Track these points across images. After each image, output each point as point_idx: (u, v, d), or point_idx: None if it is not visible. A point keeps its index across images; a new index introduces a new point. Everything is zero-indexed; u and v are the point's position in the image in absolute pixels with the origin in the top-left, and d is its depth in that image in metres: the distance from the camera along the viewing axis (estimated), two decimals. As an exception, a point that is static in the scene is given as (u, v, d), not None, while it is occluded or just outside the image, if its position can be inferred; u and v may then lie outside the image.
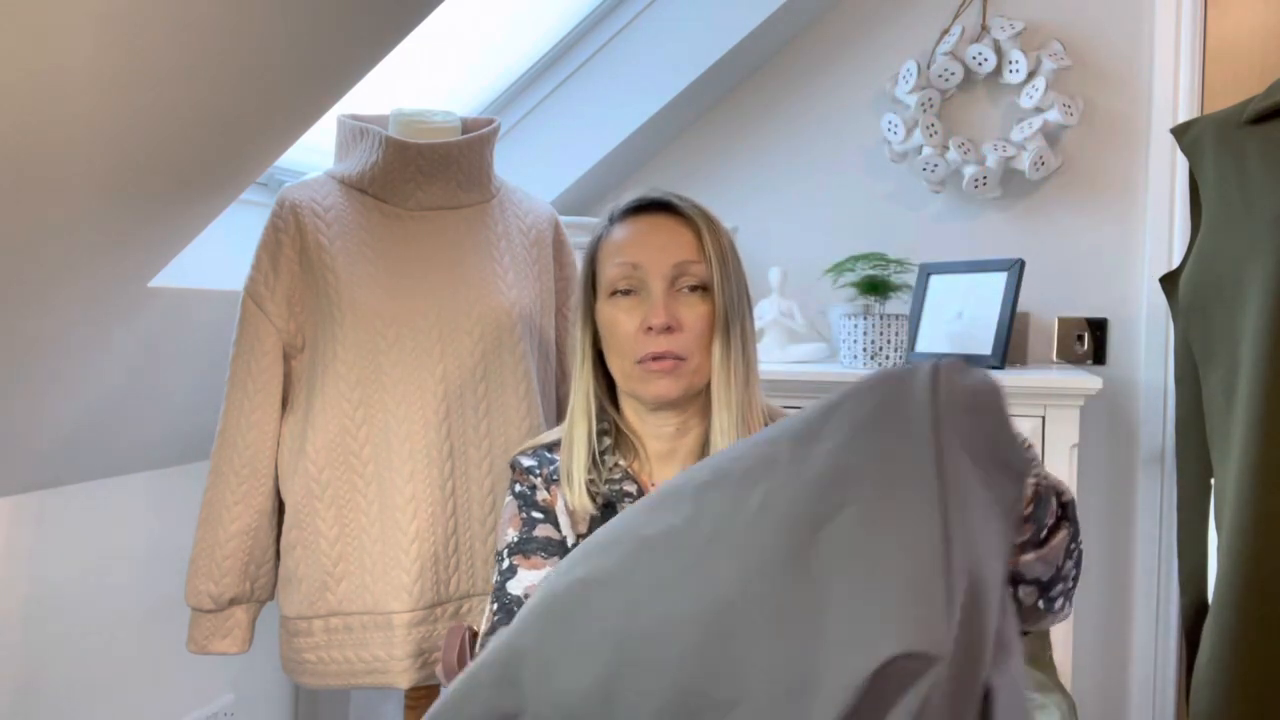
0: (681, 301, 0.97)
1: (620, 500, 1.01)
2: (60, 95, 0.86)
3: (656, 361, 0.95)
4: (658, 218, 1.00)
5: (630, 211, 1.01)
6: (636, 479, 1.02)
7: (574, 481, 1.01)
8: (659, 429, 1.02)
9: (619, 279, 0.98)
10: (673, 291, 0.97)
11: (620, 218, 1.02)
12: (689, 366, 0.97)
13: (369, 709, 2.04)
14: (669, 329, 0.95)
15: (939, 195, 2.07)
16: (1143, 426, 1.94)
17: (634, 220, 1.00)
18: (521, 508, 1.07)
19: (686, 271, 0.97)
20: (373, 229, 1.27)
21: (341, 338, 1.23)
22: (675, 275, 0.96)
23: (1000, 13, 1.99)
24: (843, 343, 1.77)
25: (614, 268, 0.98)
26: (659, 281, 0.96)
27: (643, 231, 0.99)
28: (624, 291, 0.98)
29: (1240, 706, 1.24)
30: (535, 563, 1.06)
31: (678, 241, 0.98)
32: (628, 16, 2.01)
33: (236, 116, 1.05)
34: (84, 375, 1.28)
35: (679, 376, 0.96)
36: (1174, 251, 1.89)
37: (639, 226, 0.99)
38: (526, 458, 1.09)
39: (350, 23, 1.00)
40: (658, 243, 0.97)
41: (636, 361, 0.96)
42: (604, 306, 1.00)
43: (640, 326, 0.96)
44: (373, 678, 1.25)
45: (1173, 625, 1.91)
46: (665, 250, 0.97)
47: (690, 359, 0.96)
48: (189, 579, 1.26)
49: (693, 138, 2.27)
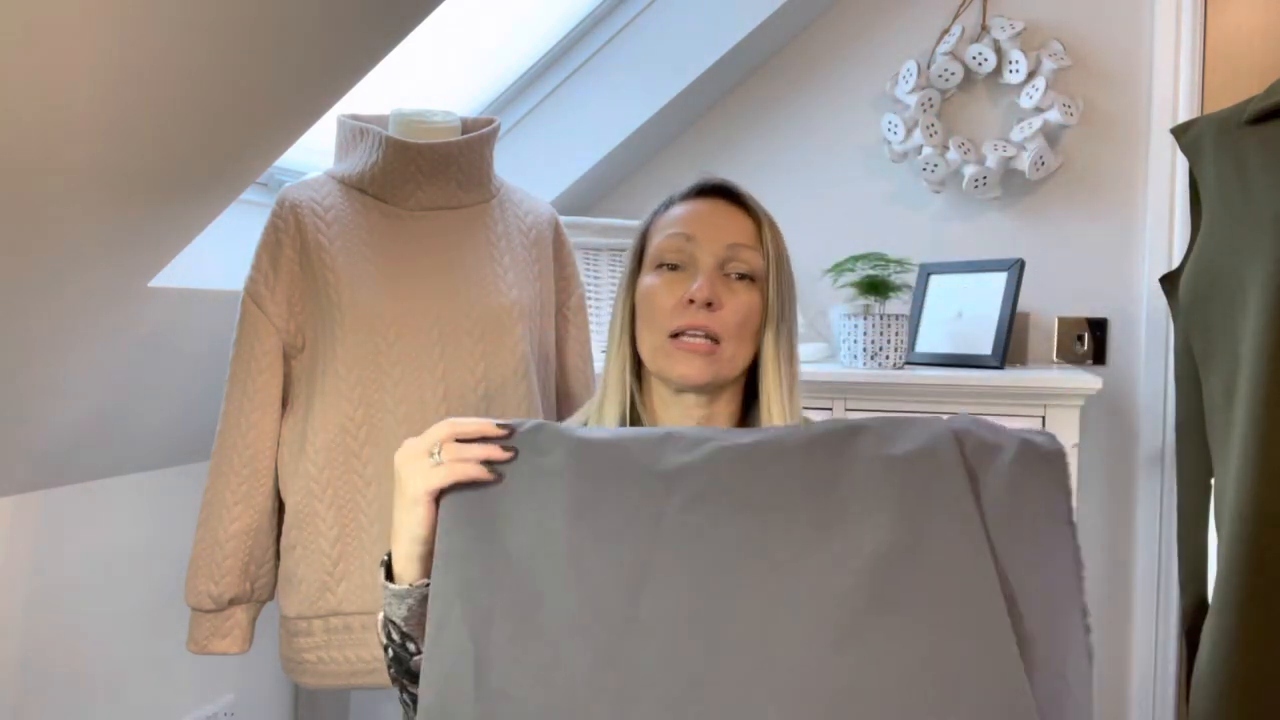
0: (728, 286, 0.93)
1: None
2: (60, 95, 0.86)
3: (690, 339, 0.91)
4: (718, 202, 0.97)
5: (692, 194, 0.99)
6: None
7: None
8: (683, 418, 0.96)
9: (669, 250, 0.94)
10: (721, 274, 0.93)
11: (680, 199, 0.99)
12: (723, 353, 0.92)
13: (369, 709, 2.04)
14: (710, 305, 0.90)
15: (939, 195, 2.07)
16: (1143, 426, 1.94)
17: (694, 201, 0.98)
18: None
19: (739, 256, 0.93)
20: (373, 229, 1.27)
21: (341, 338, 1.23)
22: (727, 257, 0.93)
23: (1000, 13, 1.99)
24: (843, 343, 1.77)
25: (666, 238, 0.95)
26: (709, 258, 0.93)
27: (702, 210, 0.96)
28: (671, 265, 0.94)
29: (1240, 706, 1.24)
30: None
31: (735, 225, 0.95)
32: (628, 16, 2.01)
33: (236, 116, 1.05)
34: (84, 375, 1.28)
35: (711, 360, 0.91)
36: (1174, 251, 1.89)
37: (699, 206, 0.97)
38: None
39: (350, 23, 1.00)
40: (715, 221, 0.95)
41: (670, 335, 0.91)
42: (647, 276, 0.96)
43: (681, 300, 0.91)
44: (373, 678, 1.25)
45: (1173, 625, 1.91)
46: (721, 229, 0.94)
47: (725, 344, 0.91)
48: (189, 579, 1.26)
49: (692, 138, 2.27)
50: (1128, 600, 1.96)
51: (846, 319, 1.76)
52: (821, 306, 2.08)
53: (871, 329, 1.71)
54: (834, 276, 1.80)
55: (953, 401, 1.63)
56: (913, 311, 1.91)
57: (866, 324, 1.72)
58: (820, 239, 2.14)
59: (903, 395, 1.66)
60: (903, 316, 1.74)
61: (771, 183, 2.20)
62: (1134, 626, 1.95)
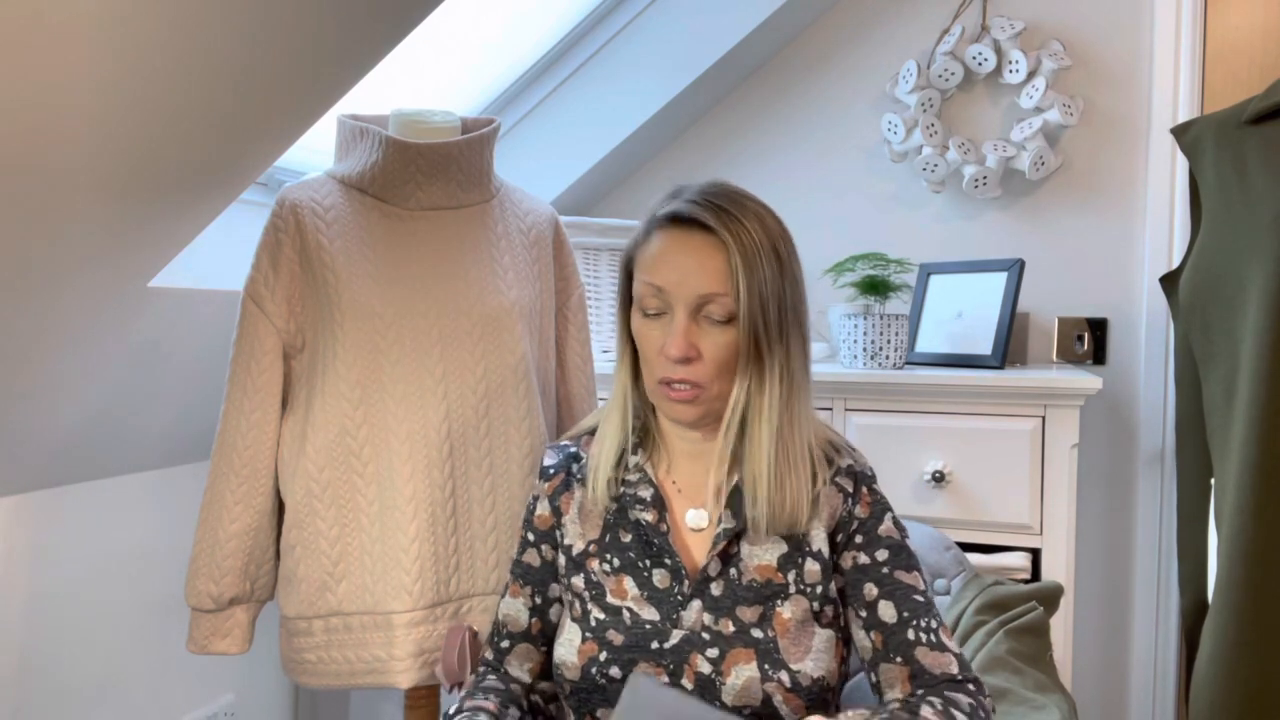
0: (704, 331, 0.93)
1: (632, 505, 0.99)
2: (60, 95, 0.86)
3: (675, 389, 0.93)
4: (691, 236, 0.93)
5: (665, 222, 0.95)
6: (655, 481, 1.00)
7: (598, 477, 1.00)
8: (685, 433, 1.01)
9: (646, 298, 0.95)
10: (696, 318, 0.93)
11: (657, 227, 0.96)
12: (708, 394, 0.94)
13: (369, 709, 2.04)
14: (687, 360, 0.92)
15: (939, 195, 2.07)
16: (1143, 426, 1.94)
17: (668, 234, 0.95)
18: (524, 522, 1.08)
19: (711, 302, 0.92)
20: (373, 229, 1.27)
21: (341, 338, 1.23)
22: (700, 304, 0.92)
23: (1000, 13, 1.99)
24: (843, 343, 1.77)
25: (641, 285, 0.95)
26: (682, 310, 0.92)
27: (672, 252, 0.93)
28: (651, 312, 0.95)
29: (1240, 706, 1.24)
30: (515, 590, 1.07)
31: (705, 269, 0.91)
32: (628, 16, 2.01)
33: (236, 116, 1.05)
34: (84, 375, 1.28)
35: (697, 404, 0.94)
36: (1174, 251, 1.89)
37: (670, 244, 0.94)
38: (552, 453, 1.09)
39: (350, 23, 1.00)
40: (686, 266, 0.92)
41: (658, 381, 0.95)
42: (635, 317, 0.98)
43: (662, 350, 0.93)
44: (373, 678, 1.25)
45: (1173, 625, 1.91)
46: (691, 278, 0.91)
47: (709, 387, 0.93)
48: (189, 579, 1.26)
49: (692, 138, 2.27)
50: (1128, 600, 1.96)
51: (846, 319, 1.76)
52: (821, 306, 2.08)
53: (871, 329, 1.72)
54: (834, 276, 1.80)
55: (953, 401, 1.63)
56: (913, 311, 1.91)
57: (866, 324, 1.72)
58: (820, 239, 2.14)
59: (903, 395, 1.66)
60: (903, 316, 1.74)
61: (771, 183, 2.20)
62: (1134, 626, 1.95)
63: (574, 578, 1.01)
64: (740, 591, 0.94)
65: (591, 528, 1.02)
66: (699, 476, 1.01)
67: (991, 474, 1.60)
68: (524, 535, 1.08)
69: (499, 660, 1.07)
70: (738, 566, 0.95)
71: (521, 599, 1.06)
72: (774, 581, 0.94)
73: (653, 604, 0.96)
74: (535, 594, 1.06)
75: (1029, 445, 1.58)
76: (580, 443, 1.08)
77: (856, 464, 1.01)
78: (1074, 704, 1.10)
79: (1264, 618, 1.23)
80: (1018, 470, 1.59)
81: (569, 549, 1.03)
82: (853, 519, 0.97)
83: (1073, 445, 1.57)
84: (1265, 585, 1.22)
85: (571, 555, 1.02)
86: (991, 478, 1.61)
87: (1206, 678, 1.28)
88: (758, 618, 0.93)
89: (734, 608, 0.94)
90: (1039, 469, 1.58)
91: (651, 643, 0.94)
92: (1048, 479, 1.58)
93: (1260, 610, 1.23)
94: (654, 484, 1.00)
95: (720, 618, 0.93)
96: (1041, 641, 1.21)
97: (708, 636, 0.93)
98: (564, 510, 1.05)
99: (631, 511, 0.99)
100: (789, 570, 0.95)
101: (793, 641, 0.92)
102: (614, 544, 1.00)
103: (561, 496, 1.05)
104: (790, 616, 0.93)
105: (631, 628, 0.95)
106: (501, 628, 1.07)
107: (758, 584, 0.94)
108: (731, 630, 0.93)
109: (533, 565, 1.06)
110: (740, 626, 0.93)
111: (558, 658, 0.99)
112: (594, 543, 1.01)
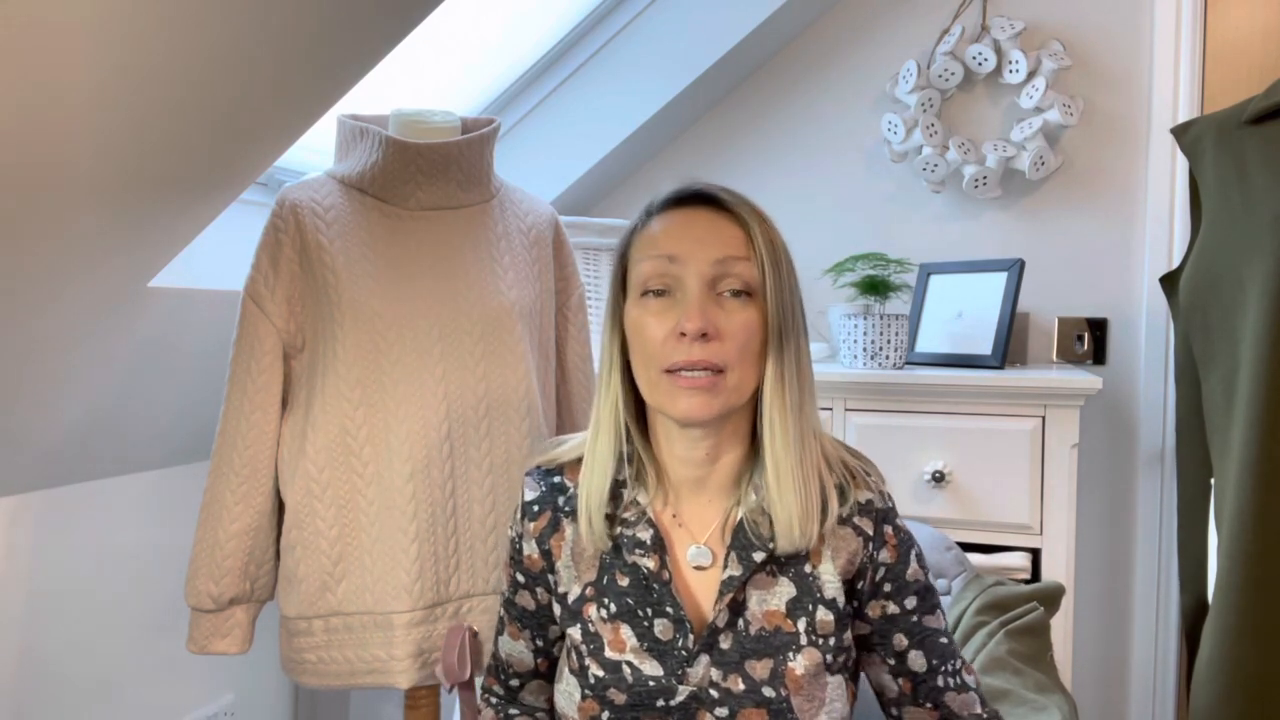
0: (722, 307, 0.83)
1: (630, 549, 0.89)
2: (60, 95, 0.86)
3: (689, 375, 0.81)
4: (700, 211, 0.86)
5: (669, 204, 0.88)
6: (655, 521, 0.90)
7: (592, 516, 0.89)
8: (689, 452, 0.87)
9: (651, 275, 0.84)
10: (713, 294, 0.83)
11: (658, 210, 0.88)
12: (728, 382, 0.82)
13: (369, 709, 2.04)
14: (705, 336, 0.81)
15: (939, 195, 2.07)
16: (1143, 426, 1.94)
17: (673, 213, 0.87)
18: (511, 559, 0.99)
19: (730, 271, 0.82)
20: (373, 229, 1.27)
21: (341, 338, 1.23)
22: (717, 275, 0.82)
23: (1000, 13, 1.99)
24: (843, 343, 1.77)
25: (647, 261, 0.85)
26: (696, 280, 0.82)
27: (682, 224, 0.85)
28: (656, 292, 0.84)
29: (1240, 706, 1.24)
30: (514, 631, 1.01)
31: (722, 235, 0.83)
32: (628, 16, 2.01)
33: (236, 116, 1.05)
34: (84, 375, 1.28)
35: (716, 394, 0.82)
36: (1174, 251, 1.89)
37: (678, 219, 0.86)
38: (533, 484, 0.97)
39: (350, 23, 1.00)
40: (698, 234, 0.84)
41: (665, 370, 0.82)
42: (632, 309, 0.86)
43: (672, 332, 0.82)
44: (373, 678, 1.25)
45: (1173, 625, 1.91)
46: (706, 244, 0.83)
47: (730, 372, 0.82)
48: (189, 579, 1.26)
49: (692, 138, 2.27)
50: (1128, 600, 1.96)
51: (846, 319, 1.76)
52: (821, 306, 2.08)
53: (871, 329, 1.72)
54: (834, 276, 1.80)
55: (953, 401, 1.63)
56: (913, 311, 1.91)
57: (866, 324, 1.72)
58: (820, 239, 2.14)
59: (903, 395, 1.66)
60: (903, 316, 1.74)
61: (771, 183, 2.20)
62: (1134, 626, 1.95)
63: (570, 628, 0.92)
64: (749, 644, 0.86)
65: (587, 569, 0.92)
66: (701, 507, 0.91)
67: (991, 474, 1.61)
68: (512, 574, 0.99)
69: (511, 696, 1.03)
70: (745, 616, 0.87)
71: (522, 641, 1.00)
72: (783, 630, 0.86)
73: (654, 657, 0.87)
74: (535, 636, 1.00)
75: (1029, 445, 1.58)
76: (564, 471, 0.96)
77: (876, 499, 0.90)
78: (1074, 704, 1.10)
79: (1264, 618, 1.23)
80: (1018, 470, 1.59)
81: (564, 597, 0.93)
82: (877, 565, 0.89)
83: (1073, 445, 1.57)
84: (1265, 585, 1.22)
85: (568, 604, 0.93)
86: (991, 478, 1.61)
87: (1207, 677, 1.28)
88: (769, 674, 0.85)
89: (743, 662, 0.86)
90: (1039, 469, 1.58)
91: (657, 700, 0.86)
92: (1048, 479, 1.58)
93: (1261, 609, 1.23)
94: (654, 524, 0.89)
95: (729, 674, 0.85)
96: (1042, 642, 1.20)
97: (716, 694, 0.85)
98: (555, 555, 0.94)
99: (629, 555, 0.89)
100: (799, 617, 0.86)
101: (806, 699, 0.84)
102: (610, 587, 0.90)
103: (551, 539, 0.94)
104: (803, 673, 0.85)
105: (634, 685, 0.87)
106: (507, 666, 1.02)
107: (767, 633, 0.86)
108: (741, 689, 0.85)
109: (528, 609, 0.98)
110: (750, 685, 0.85)
111: (559, 706, 0.93)
112: (590, 585, 0.92)
